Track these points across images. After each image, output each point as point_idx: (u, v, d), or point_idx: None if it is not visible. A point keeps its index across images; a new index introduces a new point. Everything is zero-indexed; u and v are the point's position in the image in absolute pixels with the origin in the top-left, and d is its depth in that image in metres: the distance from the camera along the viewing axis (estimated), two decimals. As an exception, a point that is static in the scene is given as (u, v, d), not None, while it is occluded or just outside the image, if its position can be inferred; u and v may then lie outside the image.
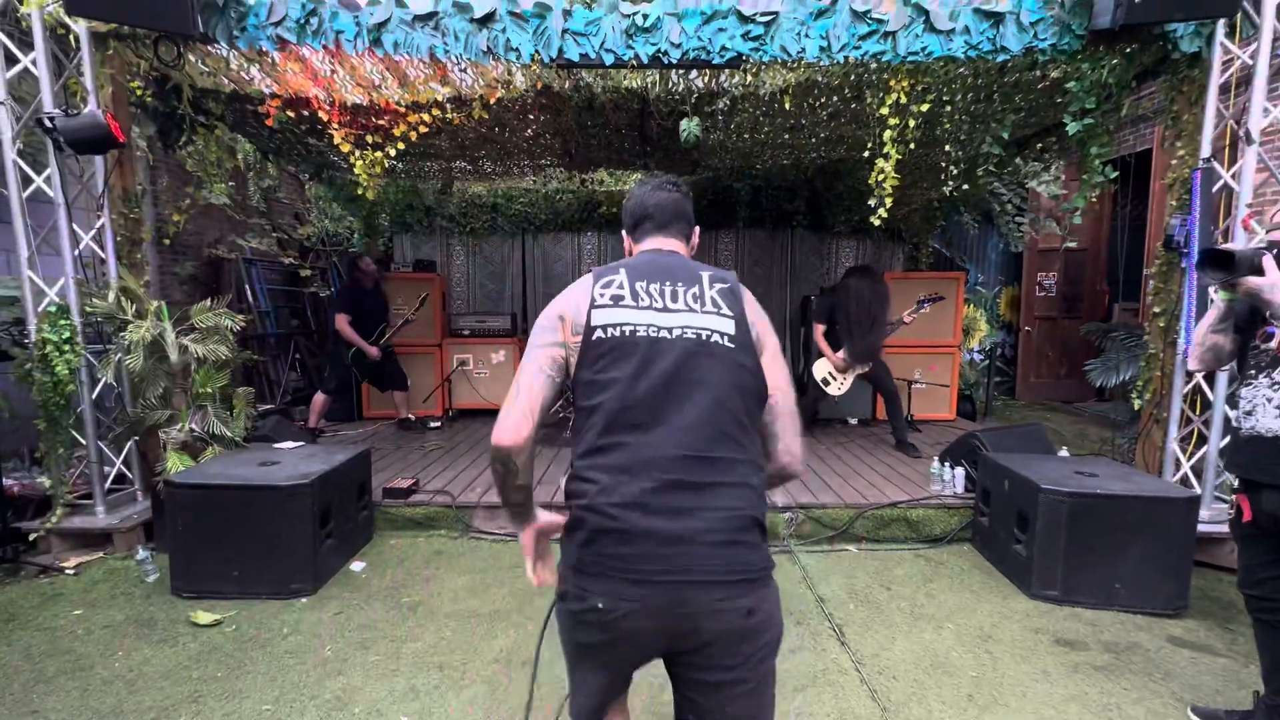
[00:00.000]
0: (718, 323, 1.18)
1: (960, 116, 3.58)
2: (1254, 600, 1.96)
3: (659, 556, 1.07)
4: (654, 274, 1.22)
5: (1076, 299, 7.56)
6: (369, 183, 3.58)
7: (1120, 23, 2.78)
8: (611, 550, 1.09)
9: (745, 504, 1.12)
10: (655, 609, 1.08)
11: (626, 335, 1.15)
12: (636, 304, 1.18)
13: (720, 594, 1.08)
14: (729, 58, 3.05)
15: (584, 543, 1.11)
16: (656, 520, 1.08)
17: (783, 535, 3.40)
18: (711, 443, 1.12)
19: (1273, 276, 1.64)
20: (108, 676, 2.20)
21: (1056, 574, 2.77)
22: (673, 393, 1.12)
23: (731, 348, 1.17)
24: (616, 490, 1.09)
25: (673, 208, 1.34)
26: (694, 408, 1.12)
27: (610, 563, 1.09)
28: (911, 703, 2.09)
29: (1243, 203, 3.01)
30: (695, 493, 1.10)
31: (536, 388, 1.15)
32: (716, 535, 1.09)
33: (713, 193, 6.28)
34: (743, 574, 1.10)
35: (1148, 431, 3.48)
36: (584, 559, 1.11)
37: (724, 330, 1.18)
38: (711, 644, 1.10)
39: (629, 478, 1.09)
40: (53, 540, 3.14)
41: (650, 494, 1.08)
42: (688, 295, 1.20)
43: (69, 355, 3.02)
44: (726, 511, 1.10)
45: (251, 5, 2.99)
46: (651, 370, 1.12)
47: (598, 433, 1.13)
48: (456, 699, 2.09)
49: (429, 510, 3.51)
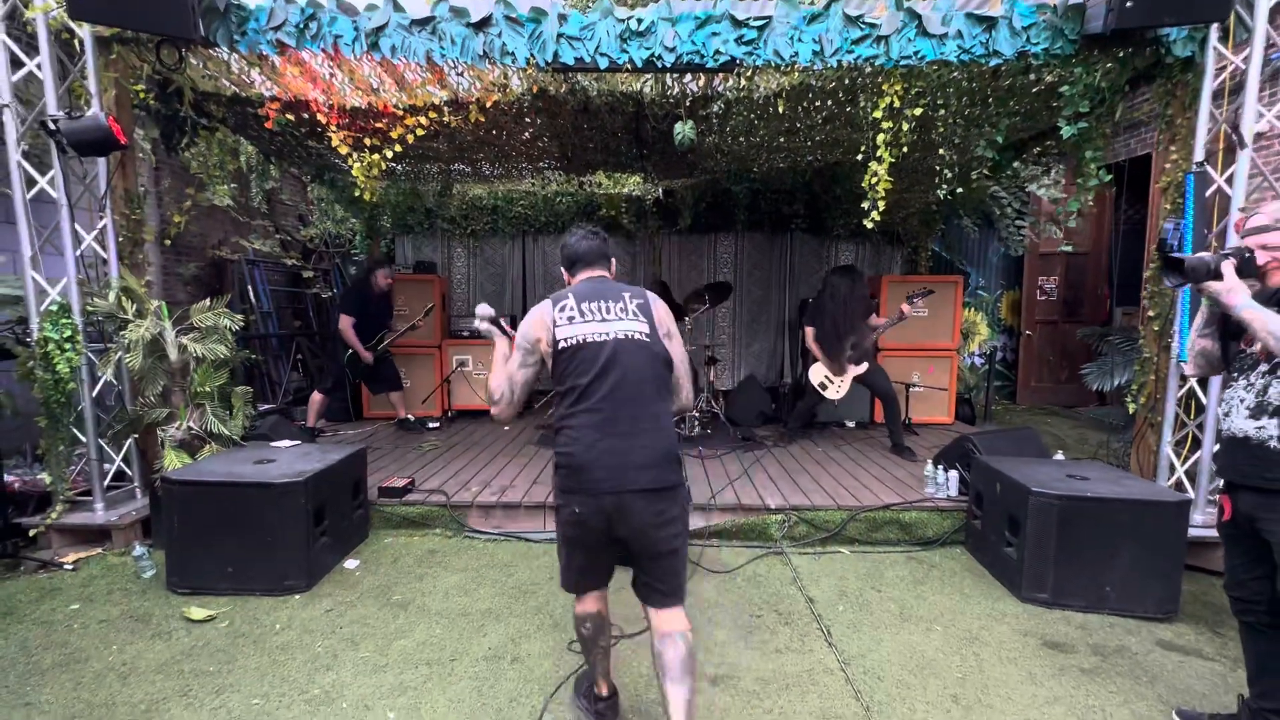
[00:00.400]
0: (637, 325, 1.78)
1: (954, 120, 3.58)
2: (1237, 602, 1.96)
3: (608, 479, 1.67)
4: (592, 296, 1.80)
5: (1077, 303, 7.54)
6: (366, 184, 3.62)
7: (1112, 27, 2.78)
8: (580, 477, 1.69)
9: (663, 442, 1.73)
10: (606, 510, 1.68)
11: (580, 342, 1.74)
12: (584, 319, 1.76)
13: (645, 500, 1.68)
14: (722, 62, 3.08)
15: (564, 474, 1.73)
16: (606, 456, 1.68)
17: (776, 537, 3.41)
18: (638, 404, 1.72)
19: (1229, 281, 1.70)
20: (101, 670, 2.24)
21: (1047, 577, 2.77)
22: (612, 373, 1.71)
23: (647, 340, 1.78)
24: (581, 440, 1.70)
25: (596, 250, 1.91)
26: (626, 382, 1.72)
27: (580, 485, 1.70)
28: (895, 703, 2.10)
29: (1235, 206, 3.01)
30: (631, 437, 1.69)
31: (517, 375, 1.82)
32: (644, 463, 1.69)
33: (711, 196, 6.29)
34: (660, 487, 1.70)
35: (1142, 435, 3.47)
36: (565, 484, 1.73)
37: (641, 330, 1.78)
38: (638, 527, 1.68)
39: (589, 430, 1.70)
40: (52, 536, 3.19)
41: (602, 439, 1.69)
42: (616, 309, 1.79)
43: (70, 354, 3.07)
44: (650, 449, 1.70)
45: (252, 10, 3.03)
46: (598, 361, 1.72)
47: (569, 403, 1.75)
48: (443, 695, 2.11)
49: (424, 509, 3.54)
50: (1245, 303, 1.68)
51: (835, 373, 4.64)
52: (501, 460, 4.42)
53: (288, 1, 3.03)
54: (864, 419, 5.74)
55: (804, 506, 3.49)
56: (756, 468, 4.24)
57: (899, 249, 7.01)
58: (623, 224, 6.29)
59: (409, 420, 5.45)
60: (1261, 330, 1.65)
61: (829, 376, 4.68)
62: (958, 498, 3.56)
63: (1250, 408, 1.79)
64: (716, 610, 2.71)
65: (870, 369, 4.66)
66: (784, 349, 6.69)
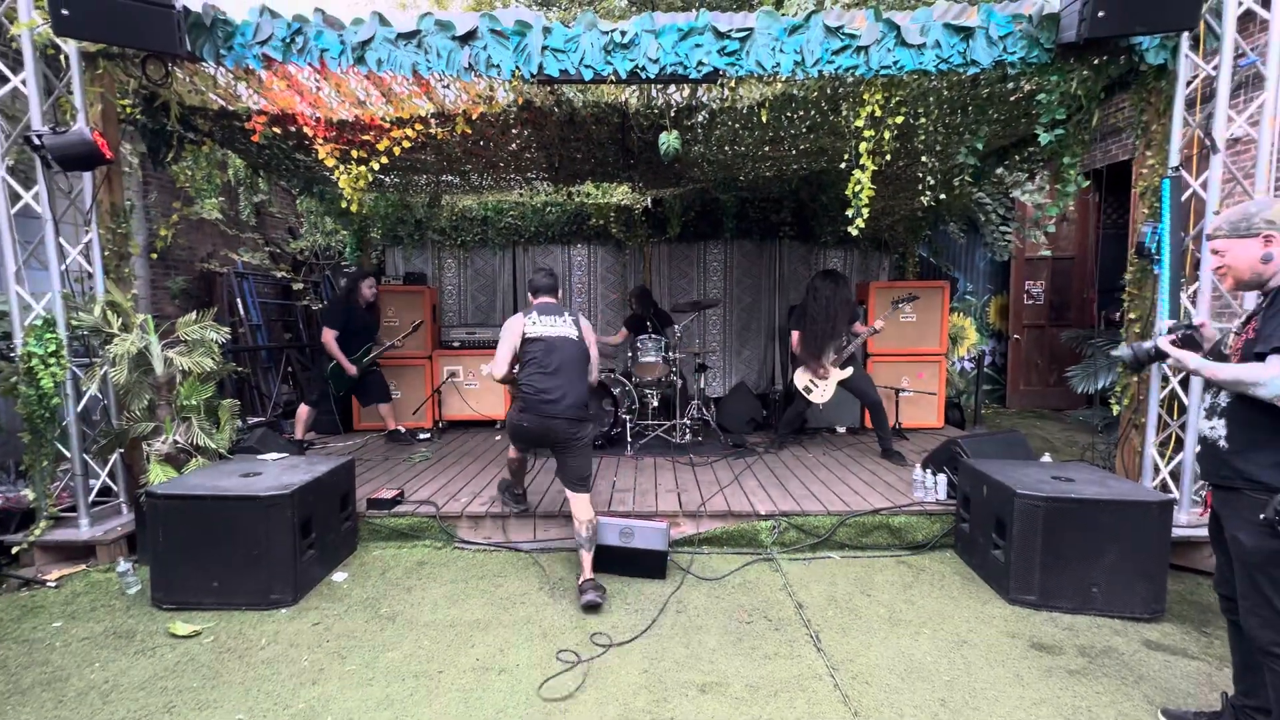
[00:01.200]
0: (571, 331, 3.08)
1: (935, 128, 3.64)
2: (1224, 600, 1.98)
3: (547, 411, 2.94)
4: (546, 312, 3.11)
5: (1064, 307, 7.62)
6: (353, 196, 3.63)
7: (1085, 36, 2.84)
8: (531, 405, 2.96)
9: (579, 396, 3.01)
10: (541, 425, 2.96)
11: (539, 338, 3.02)
12: (542, 326, 3.05)
13: (564, 424, 2.95)
14: (706, 73, 3.12)
15: (521, 404, 3.01)
16: (546, 400, 2.94)
17: (766, 543, 3.42)
18: (566, 373, 2.99)
19: (1177, 356, 1.87)
20: (83, 688, 2.21)
21: (1034, 579, 2.78)
22: (553, 358, 2.99)
23: (577, 340, 3.08)
24: (533, 385, 2.96)
25: (550, 285, 3.20)
26: (565, 364, 3.01)
27: (530, 408, 2.96)
28: (883, 708, 2.10)
29: (1210, 210, 3.07)
30: (560, 389, 2.96)
31: (508, 354, 3.04)
32: (568, 405, 2.96)
33: (699, 204, 6.34)
34: (573, 418, 2.97)
35: (1127, 436, 3.50)
36: (522, 408, 3.01)
37: (573, 334, 3.08)
38: (562, 439, 2.97)
39: (539, 381, 2.96)
40: (36, 553, 3.15)
41: (546, 390, 2.94)
42: (559, 321, 3.08)
43: (54, 368, 3.05)
44: (572, 399, 2.97)
45: (238, 25, 3.05)
46: (548, 348, 3.01)
47: (528, 372, 3.00)
48: (430, 707, 2.10)
49: (413, 521, 3.52)
50: (1198, 365, 1.81)
51: (819, 376, 4.67)
52: (492, 470, 4.41)
53: (274, 16, 3.05)
54: (854, 424, 5.76)
55: (794, 512, 3.50)
56: (747, 474, 4.25)
57: (886, 255, 7.07)
58: (612, 233, 6.32)
59: (399, 432, 5.43)
60: (1225, 382, 1.75)
61: (813, 380, 4.71)
62: (946, 501, 3.58)
63: (1206, 408, 1.89)
64: (706, 617, 2.71)
65: (855, 374, 4.69)
66: (774, 356, 6.71)
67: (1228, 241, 1.80)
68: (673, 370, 5.02)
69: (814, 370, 4.66)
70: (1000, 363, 7.95)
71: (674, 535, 3.38)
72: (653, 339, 4.98)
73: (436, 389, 5.90)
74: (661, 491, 3.88)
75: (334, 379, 5.05)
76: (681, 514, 3.53)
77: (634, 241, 6.47)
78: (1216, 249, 1.83)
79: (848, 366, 4.68)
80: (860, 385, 4.72)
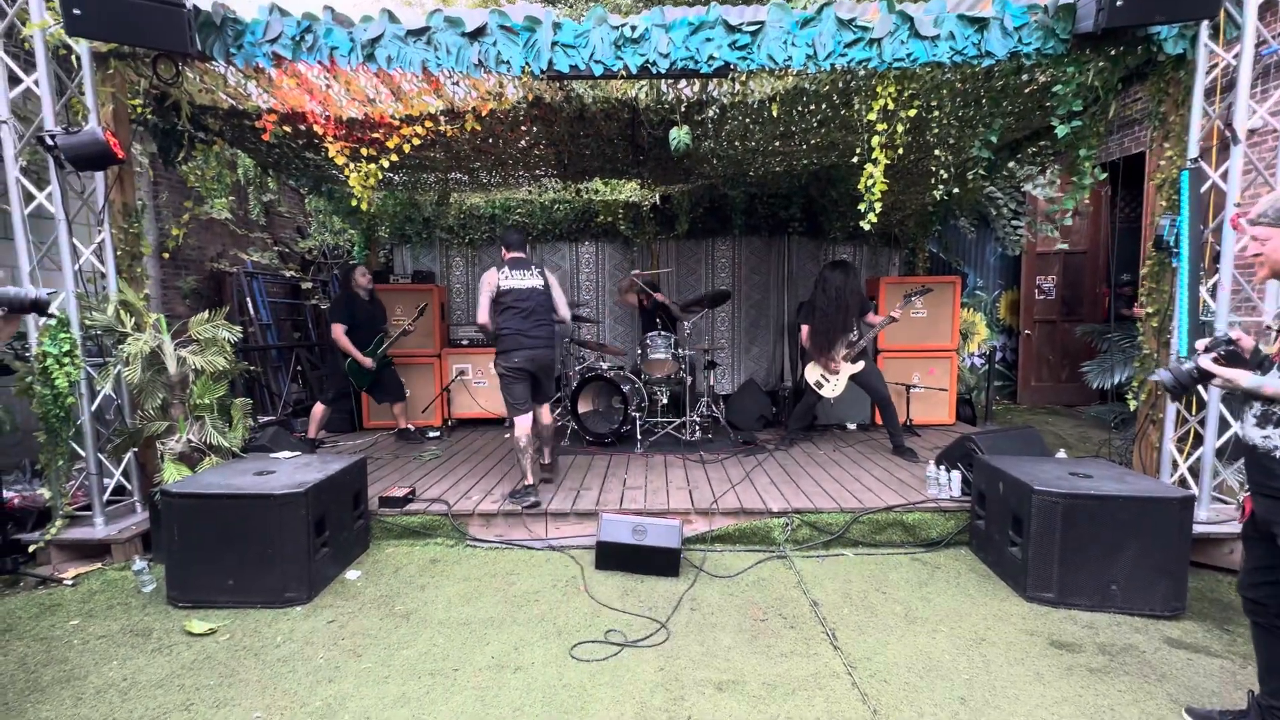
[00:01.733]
0: (538, 282, 3.79)
1: (948, 121, 3.60)
2: (1249, 603, 1.95)
3: (530, 344, 3.69)
4: (516, 266, 3.77)
5: (1076, 302, 7.54)
6: (363, 194, 3.63)
7: (1103, 26, 2.80)
8: (517, 343, 3.68)
9: (549, 333, 3.81)
10: (530, 356, 3.69)
11: (512, 288, 3.71)
12: (514, 278, 3.73)
13: (545, 351, 3.76)
14: (716, 67, 3.09)
15: (506, 344, 3.69)
16: (527, 338, 3.69)
17: (779, 541, 3.40)
18: (538, 315, 3.74)
19: (1224, 374, 1.73)
20: (101, 685, 2.22)
21: (1052, 576, 2.75)
22: (526, 304, 3.71)
23: (544, 290, 3.81)
24: (516, 330, 3.69)
25: (520, 240, 3.87)
26: (536, 309, 3.75)
27: (517, 347, 3.67)
28: (903, 706, 2.08)
29: (1230, 202, 3.02)
30: (535, 329, 3.73)
31: (487, 303, 3.71)
32: (544, 340, 3.76)
33: (708, 200, 6.30)
34: (550, 347, 3.82)
35: (1144, 432, 3.46)
36: (508, 348, 3.69)
37: (540, 285, 3.79)
38: (544, 365, 3.80)
39: (519, 328, 3.69)
40: (52, 551, 3.17)
41: (526, 330, 3.70)
42: (528, 274, 3.77)
43: (69, 368, 3.06)
44: (546, 336, 3.77)
45: (248, 23, 3.05)
46: (520, 296, 3.72)
47: (507, 317, 3.71)
48: (446, 705, 2.10)
49: (425, 519, 3.52)
50: (1256, 383, 1.70)
51: (830, 370, 4.64)
52: (503, 468, 4.41)
53: (283, 14, 3.05)
54: (865, 420, 5.73)
55: (806, 509, 3.48)
56: (758, 471, 4.23)
57: (896, 251, 7.02)
58: (620, 230, 6.30)
59: (409, 430, 5.44)
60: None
61: (824, 375, 4.68)
62: (960, 498, 3.55)
63: (1257, 416, 1.77)
64: (721, 615, 2.69)
65: (866, 369, 4.65)
66: (783, 352, 6.67)
67: (1271, 230, 1.70)
68: (681, 367, 5.01)
69: (825, 364, 4.62)
70: (1011, 358, 7.88)
71: (686, 533, 3.37)
72: (662, 336, 4.96)
73: (446, 387, 5.91)
74: (673, 489, 3.87)
75: (354, 374, 5.06)
76: (693, 511, 3.52)
77: (642, 238, 6.45)
78: (1257, 235, 1.73)
79: (859, 360, 4.64)
80: (871, 380, 4.68)
